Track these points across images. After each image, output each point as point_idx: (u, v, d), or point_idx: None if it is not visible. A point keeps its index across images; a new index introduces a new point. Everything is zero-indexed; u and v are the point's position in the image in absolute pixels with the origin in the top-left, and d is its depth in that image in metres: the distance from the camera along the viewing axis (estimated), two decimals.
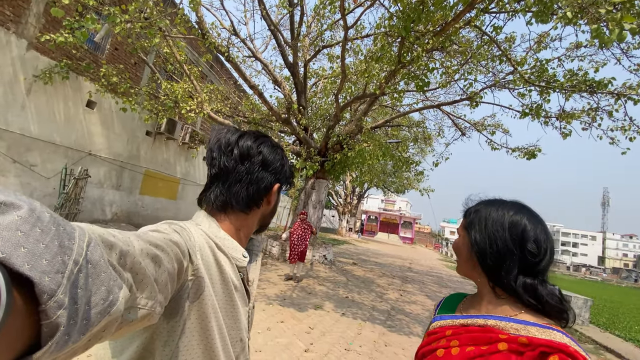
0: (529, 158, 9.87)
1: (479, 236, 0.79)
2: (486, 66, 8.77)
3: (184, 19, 6.48)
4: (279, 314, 4.65)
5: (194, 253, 0.60)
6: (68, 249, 0.30)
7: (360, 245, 24.47)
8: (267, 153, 0.77)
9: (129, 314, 0.41)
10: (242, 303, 0.72)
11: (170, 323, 0.58)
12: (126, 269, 0.40)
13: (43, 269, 0.27)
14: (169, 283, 0.50)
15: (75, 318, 0.29)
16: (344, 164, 9.66)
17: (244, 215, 0.75)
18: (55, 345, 0.28)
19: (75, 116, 8.41)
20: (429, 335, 0.83)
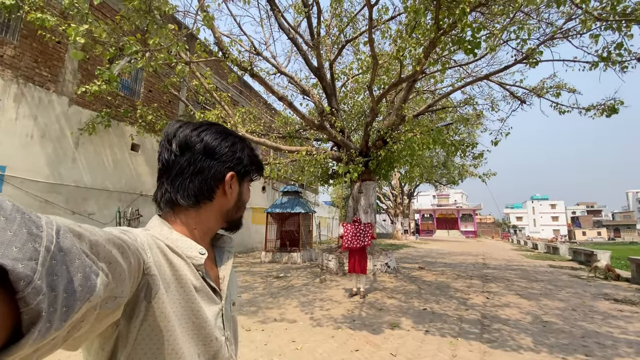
0: (608, 115, 8.27)
1: None
2: (539, 17, 7.55)
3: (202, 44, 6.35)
4: (350, 339, 3.97)
5: (144, 251, 0.57)
6: (37, 237, 0.29)
7: (421, 246, 22.91)
8: (211, 140, 0.72)
9: (107, 303, 0.42)
10: (208, 302, 0.67)
11: (130, 324, 0.55)
12: (100, 258, 0.39)
13: (15, 257, 0.27)
14: (132, 276, 0.50)
15: (55, 305, 0.29)
16: (390, 160, 8.84)
17: (195, 212, 0.71)
18: (38, 333, 0.28)
19: (123, 160, 8.72)
20: None
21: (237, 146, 0.75)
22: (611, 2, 5.65)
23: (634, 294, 6.92)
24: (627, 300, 6.28)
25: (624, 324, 4.83)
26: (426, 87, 11.20)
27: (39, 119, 6.74)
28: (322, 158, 8.34)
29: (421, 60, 5.46)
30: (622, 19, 5.67)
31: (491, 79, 9.27)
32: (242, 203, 0.78)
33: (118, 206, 8.30)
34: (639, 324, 4.84)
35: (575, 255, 14.34)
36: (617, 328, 4.59)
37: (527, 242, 28.36)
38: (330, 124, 9.20)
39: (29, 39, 6.64)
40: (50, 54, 6.99)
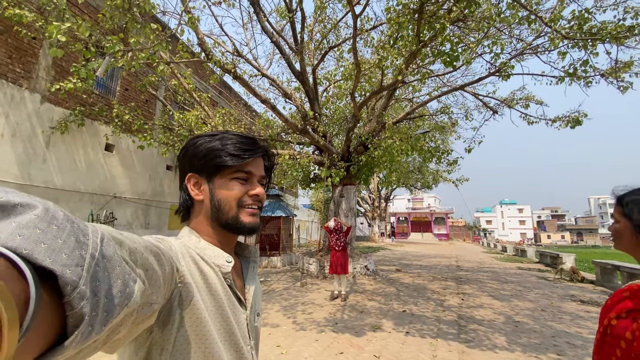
0: (573, 126, 8.87)
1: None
2: (510, 33, 8.03)
3: (185, 45, 6.26)
4: (334, 342, 4.03)
5: (178, 260, 0.59)
6: (84, 244, 0.31)
7: (397, 249, 23.41)
8: (183, 149, 0.74)
9: (143, 309, 0.42)
10: (235, 311, 0.68)
11: (165, 332, 0.57)
12: (137, 265, 0.41)
13: (64, 263, 0.28)
14: (167, 283, 0.51)
15: (96, 310, 0.31)
16: (371, 165, 9.04)
17: (193, 219, 0.74)
18: (80, 336, 0.29)
19: (96, 161, 8.36)
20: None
21: (201, 141, 0.72)
22: (578, 21, 6.12)
23: (599, 296, 7.40)
24: (593, 302, 6.71)
25: (592, 324, 5.14)
26: (404, 95, 11.56)
27: (10, 116, 6.35)
28: (305, 162, 8.39)
29: (402, 70, 5.66)
30: (588, 37, 6.14)
31: (466, 89, 9.71)
32: (220, 201, 0.71)
33: (91, 209, 7.94)
34: None
35: (542, 257, 15.18)
36: (585, 328, 4.88)
37: (497, 245, 29.66)
38: (313, 128, 9.29)
39: (4, 34, 6.27)
40: (24, 49, 6.63)
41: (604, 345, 0.95)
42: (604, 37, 5.69)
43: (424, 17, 5.02)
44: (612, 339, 0.92)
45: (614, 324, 0.92)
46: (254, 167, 0.75)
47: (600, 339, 0.97)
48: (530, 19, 6.34)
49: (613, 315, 0.93)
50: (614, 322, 0.92)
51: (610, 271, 8.48)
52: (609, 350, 0.92)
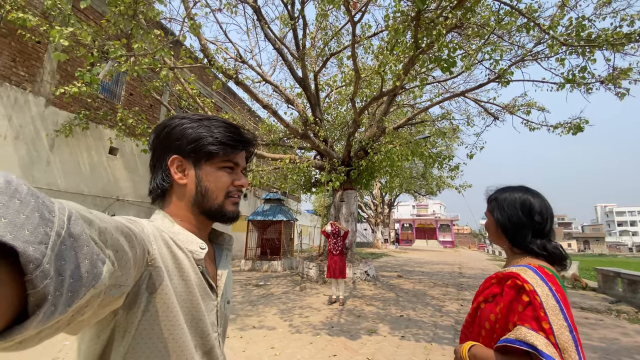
0: (574, 133, 8.84)
1: (500, 216, 1.11)
2: (510, 40, 8.08)
3: (188, 50, 6.39)
4: (329, 345, 4.03)
5: (149, 243, 0.58)
6: (49, 221, 0.30)
7: (400, 255, 23.26)
8: (160, 127, 0.72)
9: (111, 290, 0.42)
10: (205, 297, 0.68)
11: (129, 315, 0.55)
12: (107, 245, 0.39)
13: (26, 239, 0.27)
14: (137, 265, 0.50)
15: (60, 289, 0.29)
16: (371, 170, 9.07)
17: (166, 202, 0.72)
18: (42, 315, 0.28)
19: (100, 164, 8.50)
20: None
21: (185, 126, 0.70)
22: (576, 29, 6.16)
23: (599, 303, 7.32)
24: (593, 309, 6.64)
25: (589, 330, 5.11)
26: (406, 101, 11.61)
27: (14, 119, 6.51)
28: (306, 166, 8.45)
29: (401, 76, 5.72)
30: (586, 44, 6.17)
31: (467, 95, 9.74)
32: (206, 188, 0.70)
33: None
34: (604, 331, 5.13)
35: None
36: (582, 334, 4.85)
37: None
38: (314, 133, 9.36)
39: (8, 38, 6.46)
40: (29, 53, 6.81)
41: (473, 324, 1.06)
42: (601, 44, 5.72)
43: (422, 24, 5.09)
44: (480, 320, 1.02)
45: (482, 307, 1.03)
46: (240, 158, 0.76)
47: (469, 320, 1.09)
48: (529, 26, 6.40)
49: (482, 299, 1.04)
50: (482, 306, 1.03)
51: (611, 278, 8.37)
52: (478, 329, 1.03)
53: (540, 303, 0.89)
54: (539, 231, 1.05)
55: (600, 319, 5.91)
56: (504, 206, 1.10)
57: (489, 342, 0.97)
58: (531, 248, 1.04)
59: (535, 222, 1.04)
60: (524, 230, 1.05)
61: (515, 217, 1.06)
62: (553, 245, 1.04)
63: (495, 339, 0.94)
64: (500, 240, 1.13)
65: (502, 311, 0.95)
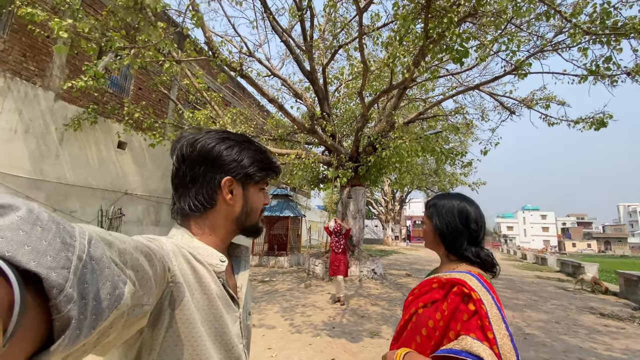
0: (597, 128, 8.36)
1: (439, 223, 1.11)
2: (529, 29, 7.65)
3: (192, 42, 6.30)
4: (328, 347, 3.89)
5: (169, 260, 0.59)
6: (70, 246, 0.30)
7: (410, 253, 22.92)
8: (205, 145, 0.71)
9: (134, 311, 0.42)
10: (227, 309, 0.69)
11: (154, 332, 0.56)
12: (127, 266, 0.40)
13: (49, 265, 0.27)
14: (158, 283, 0.51)
15: (84, 312, 0.30)
16: (380, 166, 8.83)
17: (203, 220, 0.72)
18: (68, 339, 0.29)
19: (108, 158, 8.57)
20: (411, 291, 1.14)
21: (234, 149, 0.73)
22: (601, 16, 5.74)
23: (621, 309, 6.92)
24: (614, 315, 6.26)
25: (609, 339, 4.79)
26: (418, 95, 11.26)
27: (24, 113, 6.59)
28: (311, 162, 8.29)
29: (410, 68, 5.46)
30: (612, 33, 5.75)
31: (482, 89, 9.34)
32: (252, 209, 0.76)
33: (101, 204, 8.13)
34: (626, 340, 4.78)
35: (563, 266, 14.44)
36: (601, 344, 4.54)
37: (517, 252, 28.56)
38: (322, 128, 9.17)
39: (19, 33, 6.52)
40: (39, 48, 6.86)
41: (404, 331, 1.04)
42: (628, 33, 5.30)
43: (432, 12, 4.82)
44: (415, 325, 1.00)
45: (420, 312, 1.00)
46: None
47: (403, 325, 1.05)
48: (549, 13, 6.00)
49: (421, 304, 1.01)
50: (420, 311, 1.01)
51: (635, 283, 7.90)
52: (411, 335, 1.00)
53: (485, 312, 0.89)
54: (474, 239, 1.07)
55: (621, 327, 5.55)
56: (442, 213, 1.12)
57: (424, 349, 0.95)
58: (466, 255, 1.06)
59: (471, 229, 1.07)
60: (460, 238, 1.07)
61: (453, 224, 1.08)
62: (485, 252, 1.08)
63: (432, 347, 0.93)
64: (437, 246, 1.14)
65: (444, 318, 0.94)
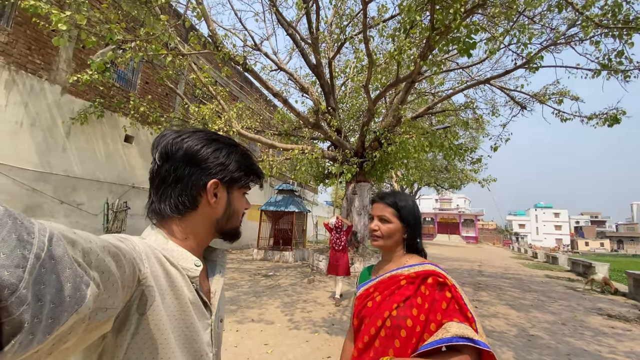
0: (610, 124, 8.07)
1: (413, 220, 1.13)
2: (541, 21, 7.37)
3: (196, 35, 6.26)
4: (325, 345, 3.85)
5: (141, 261, 0.56)
6: (28, 243, 0.29)
7: None
8: (192, 146, 0.68)
9: (97, 315, 0.40)
10: (200, 316, 0.66)
11: (118, 338, 0.53)
12: (92, 267, 0.38)
13: (1, 264, 0.26)
14: (126, 286, 0.48)
15: (39, 316, 0.28)
16: (386, 162, 8.70)
17: (182, 222, 0.69)
18: (18, 345, 0.27)
19: (115, 152, 8.66)
20: (359, 299, 1.11)
21: (222, 152, 0.71)
22: (612, 9, 5.48)
23: (629, 310, 6.72)
24: (621, 317, 6.08)
25: (614, 342, 4.64)
26: (428, 90, 11.03)
27: (30, 106, 6.68)
28: (314, 157, 8.21)
29: (416, 61, 5.31)
30: (623, 26, 5.50)
31: (492, 83, 9.08)
32: (233, 213, 0.74)
33: (107, 197, 8.24)
34: (630, 343, 4.64)
35: (574, 266, 14.10)
36: (606, 347, 4.40)
37: (527, 251, 28.07)
38: (327, 122, 9.07)
39: (23, 26, 6.58)
40: (44, 41, 6.93)
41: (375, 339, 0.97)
42: (639, 27, 5.04)
43: (438, 2, 4.66)
44: (391, 330, 0.95)
45: (394, 314, 0.96)
46: None
47: (374, 334, 0.98)
48: (561, 5, 5.76)
49: (394, 305, 0.97)
50: (394, 313, 0.96)
51: None
52: (386, 342, 0.95)
53: (460, 295, 0.94)
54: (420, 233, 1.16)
55: (628, 328, 5.37)
56: (409, 210, 1.14)
57: (404, 351, 0.92)
58: (420, 249, 1.15)
59: (421, 224, 1.16)
60: (419, 233, 1.15)
61: (417, 221, 1.14)
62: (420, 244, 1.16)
63: (413, 345, 0.91)
64: (395, 244, 1.14)
65: (423, 312, 0.93)
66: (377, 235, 1.15)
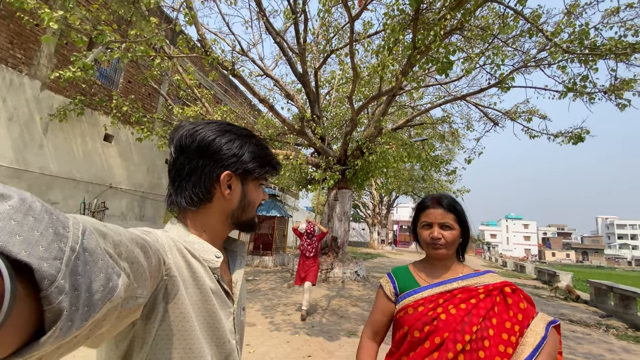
0: (575, 142, 8.70)
1: (467, 225, 1.10)
2: (514, 44, 7.95)
3: (185, 38, 6.32)
4: (305, 345, 3.99)
5: (165, 252, 0.58)
6: (63, 237, 0.30)
7: (395, 257, 23.22)
8: (205, 137, 0.68)
9: (128, 303, 0.42)
10: (222, 305, 0.68)
11: (147, 325, 0.56)
12: (122, 258, 0.40)
13: (41, 256, 0.27)
14: (153, 276, 0.51)
15: (77, 304, 0.30)
16: (367, 170, 8.99)
17: (198, 214, 0.70)
18: (59, 331, 0.28)
19: (94, 151, 8.47)
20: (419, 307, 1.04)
21: (235, 142, 0.71)
22: (579, 36, 6.04)
23: (589, 316, 7.23)
24: (582, 322, 6.55)
25: (574, 344, 5.02)
26: (408, 103, 11.50)
27: (8, 101, 6.47)
28: (299, 163, 8.38)
29: (398, 77, 5.63)
30: (590, 53, 6.06)
31: (468, 99, 9.62)
32: (249, 204, 0.74)
33: (84, 197, 8.02)
34: (589, 345, 5.02)
35: (540, 274, 14.91)
36: (566, 348, 4.73)
37: (498, 260, 29.26)
38: (311, 130, 9.28)
39: (6, 19, 6.41)
40: (27, 36, 6.76)
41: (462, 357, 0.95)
42: (604, 53, 5.60)
43: (420, 24, 5.00)
44: (475, 344, 0.94)
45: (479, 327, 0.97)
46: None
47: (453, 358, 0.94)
48: (532, 31, 6.28)
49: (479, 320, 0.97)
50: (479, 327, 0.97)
51: (604, 292, 8.27)
52: (470, 357, 0.94)
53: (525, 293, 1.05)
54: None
55: (587, 333, 5.83)
56: (465, 215, 1.11)
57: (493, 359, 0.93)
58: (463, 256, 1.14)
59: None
60: (469, 237, 1.13)
61: (469, 226, 1.11)
62: None
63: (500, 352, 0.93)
64: (454, 250, 1.12)
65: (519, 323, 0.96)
66: (441, 244, 1.07)
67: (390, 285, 1.17)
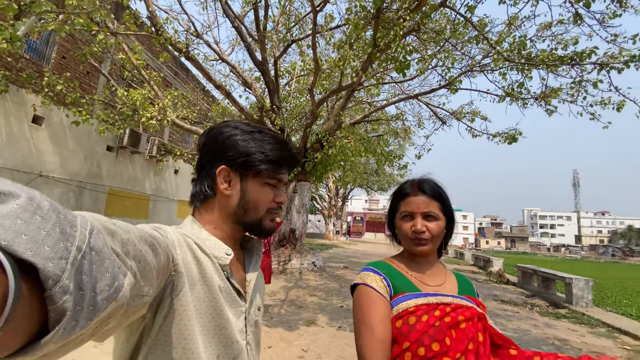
0: (509, 142, 9.67)
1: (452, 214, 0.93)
2: (462, 49, 8.53)
3: (132, 14, 5.78)
4: (265, 336, 3.99)
5: (174, 248, 0.59)
6: (70, 236, 0.30)
7: (349, 247, 23.98)
8: (215, 135, 0.72)
9: (134, 301, 0.42)
10: (231, 303, 0.67)
11: (155, 318, 0.57)
12: (130, 257, 0.40)
13: (46, 255, 0.27)
14: (161, 273, 0.51)
15: (81, 304, 0.30)
16: (326, 163, 9.12)
17: (205, 209, 0.72)
18: (63, 330, 0.29)
19: (20, 134, 7.46)
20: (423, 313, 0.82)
21: (238, 137, 0.70)
22: (518, 46, 6.68)
23: (518, 297, 8.19)
24: (511, 302, 7.42)
25: (505, 321, 5.69)
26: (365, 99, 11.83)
27: None
28: None
29: (358, 72, 5.75)
30: (526, 62, 6.74)
31: (419, 99, 10.17)
32: (249, 203, 0.71)
33: None
34: (518, 322, 5.74)
35: (477, 260, 16.49)
36: (499, 325, 5.36)
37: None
38: (271, 120, 9.12)
39: None
40: None
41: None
42: (538, 64, 6.27)
43: (381, 23, 5.14)
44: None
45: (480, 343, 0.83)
46: (284, 175, 0.76)
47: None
48: (479, 38, 6.80)
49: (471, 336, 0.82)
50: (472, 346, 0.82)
51: (529, 275, 9.43)
52: None
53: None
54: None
55: (516, 311, 6.62)
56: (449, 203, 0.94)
57: None
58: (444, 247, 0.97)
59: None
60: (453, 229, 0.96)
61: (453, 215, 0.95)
62: None
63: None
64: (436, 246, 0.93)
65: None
66: (425, 239, 0.89)
67: (383, 282, 0.91)
